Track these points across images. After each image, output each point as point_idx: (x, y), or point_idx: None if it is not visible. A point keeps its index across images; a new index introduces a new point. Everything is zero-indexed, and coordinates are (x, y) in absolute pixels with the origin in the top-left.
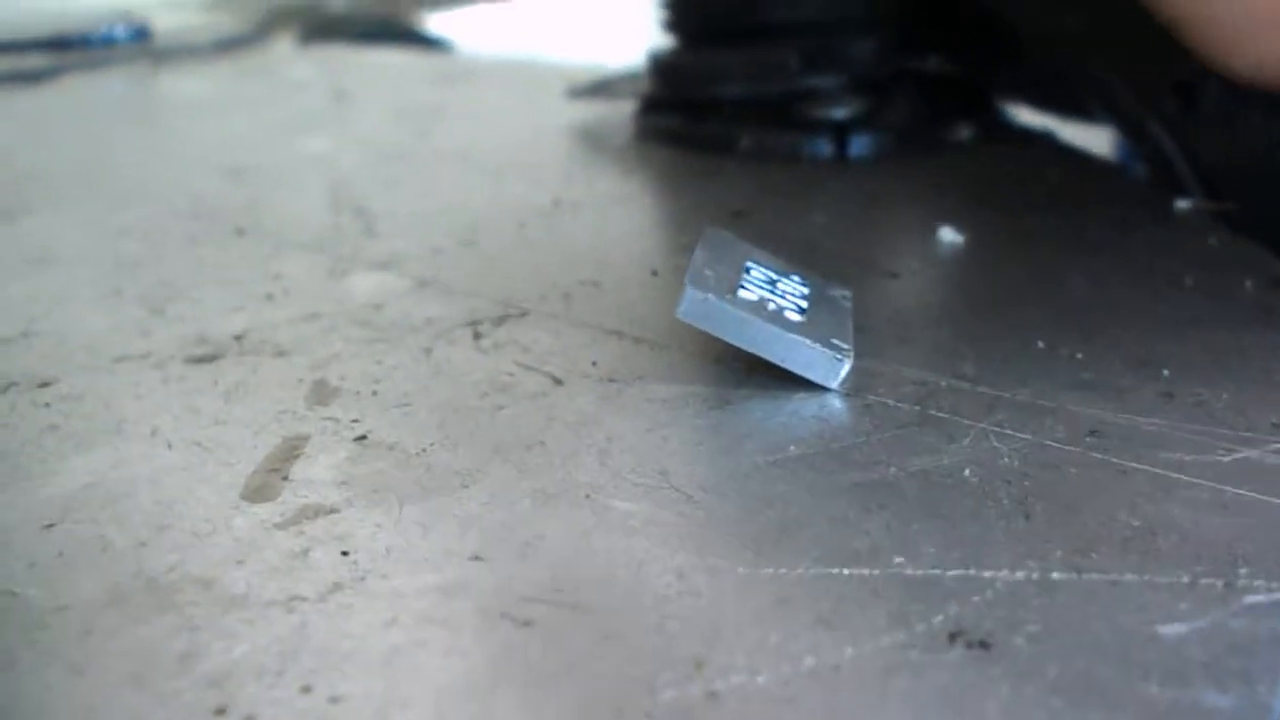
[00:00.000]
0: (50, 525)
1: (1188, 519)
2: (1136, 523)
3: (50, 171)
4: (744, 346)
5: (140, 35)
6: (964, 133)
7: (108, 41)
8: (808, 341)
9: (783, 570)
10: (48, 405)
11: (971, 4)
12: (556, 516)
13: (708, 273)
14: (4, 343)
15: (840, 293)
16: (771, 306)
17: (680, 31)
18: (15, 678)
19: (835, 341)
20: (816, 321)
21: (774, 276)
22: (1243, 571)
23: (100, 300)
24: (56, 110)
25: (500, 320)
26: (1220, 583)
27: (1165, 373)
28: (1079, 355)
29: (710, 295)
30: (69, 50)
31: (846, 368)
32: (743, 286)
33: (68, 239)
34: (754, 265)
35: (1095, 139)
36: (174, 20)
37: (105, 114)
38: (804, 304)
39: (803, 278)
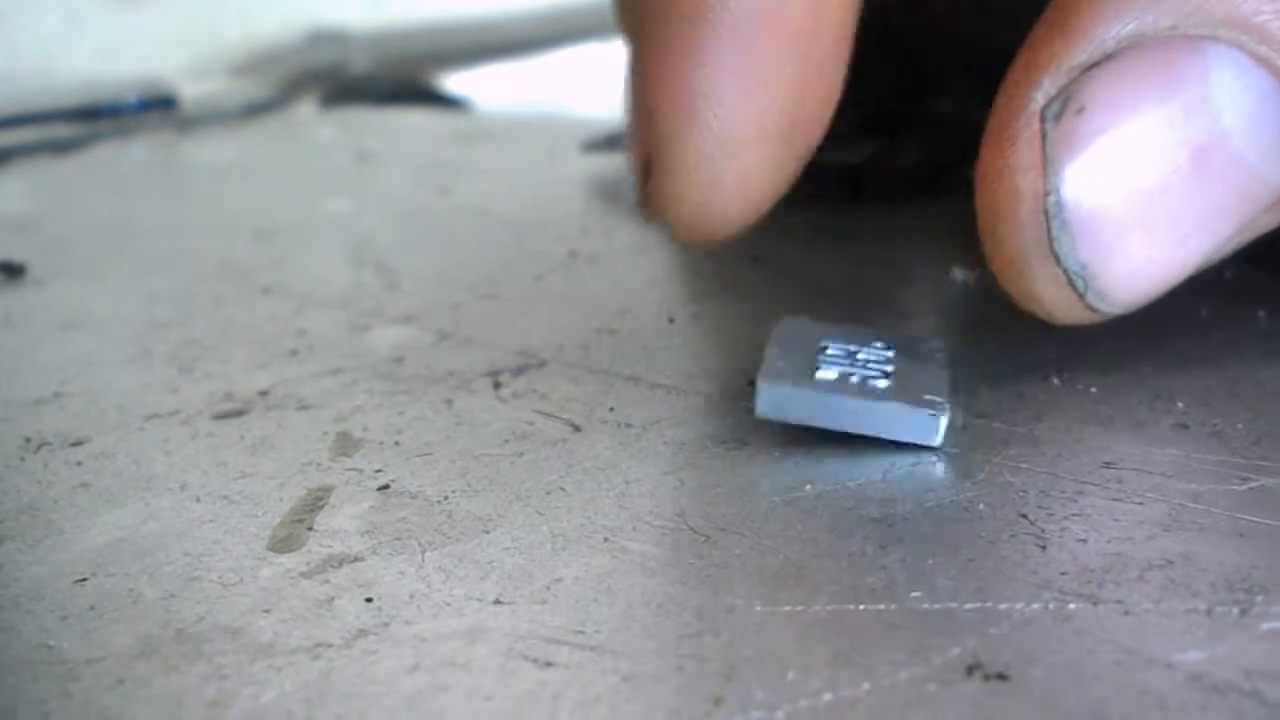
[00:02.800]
0: (82, 580)
1: (1204, 548)
2: (1152, 553)
3: (79, 238)
4: (834, 428)
5: (166, 103)
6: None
7: (134, 110)
8: (897, 405)
9: (800, 607)
10: (79, 463)
11: (986, 44)
12: (576, 559)
13: (780, 364)
14: (37, 404)
15: (933, 345)
16: (854, 379)
17: None
18: None
19: (928, 397)
20: (905, 382)
21: (852, 348)
22: (1259, 598)
23: (130, 361)
24: (84, 178)
25: (519, 370)
26: (1236, 610)
27: (1180, 405)
28: (1094, 389)
29: (786, 385)
30: (96, 119)
31: (945, 421)
32: (819, 367)
33: (97, 303)
34: (830, 342)
35: None
36: (199, 88)
37: (132, 181)
38: (889, 368)
39: (885, 340)
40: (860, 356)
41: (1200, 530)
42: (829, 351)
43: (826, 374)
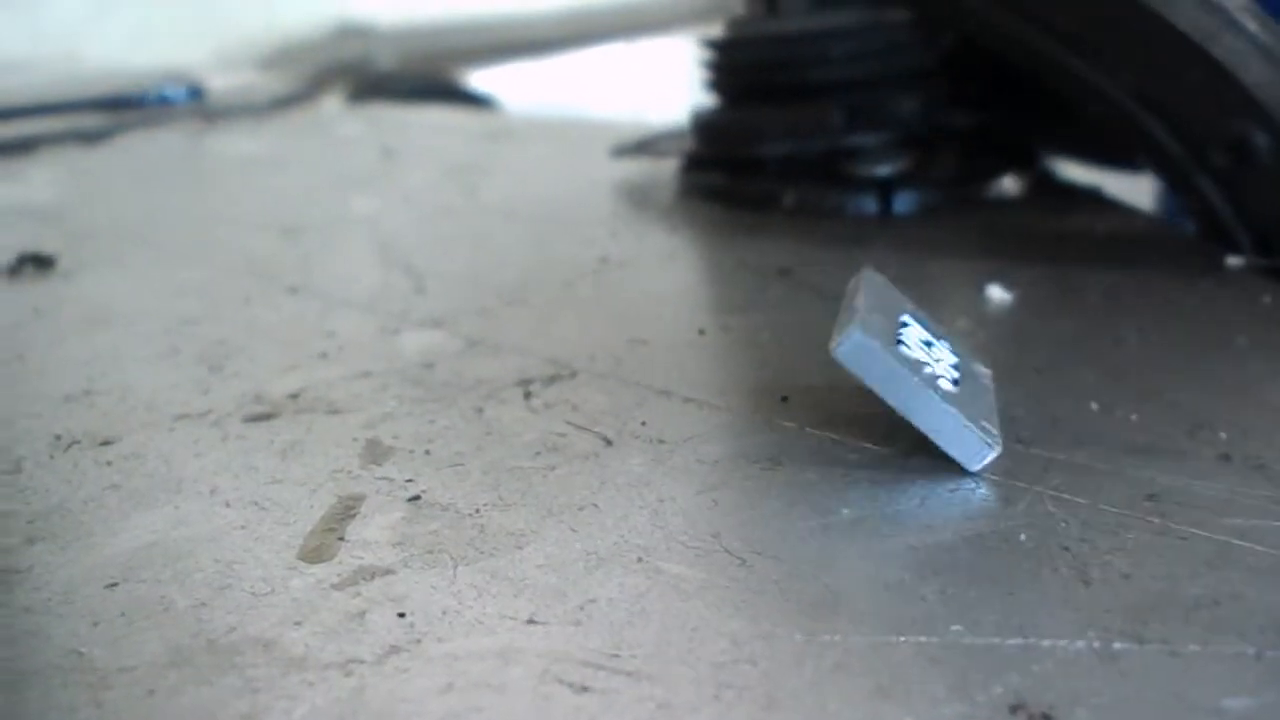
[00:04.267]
0: (113, 584)
1: (1251, 588)
2: (1198, 591)
3: (108, 230)
4: (891, 403)
5: (194, 95)
6: (1008, 188)
7: (163, 101)
8: (962, 417)
9: (838, 638)
10: (109, 464)
11: (1019, 57)
12: (610, 579)
13: (875, 318)
14: (67, 400)
15: (982, 370)
16: (928, 370)
17: (723, 90)
18: None
19: (986, 425)
20: (968, 398)
21: (930, 339)
22: None
23: (159, 359)
24: (113, 169)
25: (551, 380)
26: None
27: (1223, 435)
28: (1134, 417)
29: (877, 342)
30: (125, 110)
31: (993, 455)
32: (901, 341)
33: (126, 297)
34: (910, 321)
35: (1142, 192)
36: (227, 81)
37: (161, 173)
38: (956, 374)
39: (952, 346)
40: (934, 351)
41: (1246, 569)
42: (909, 330)
43: (907, 351)
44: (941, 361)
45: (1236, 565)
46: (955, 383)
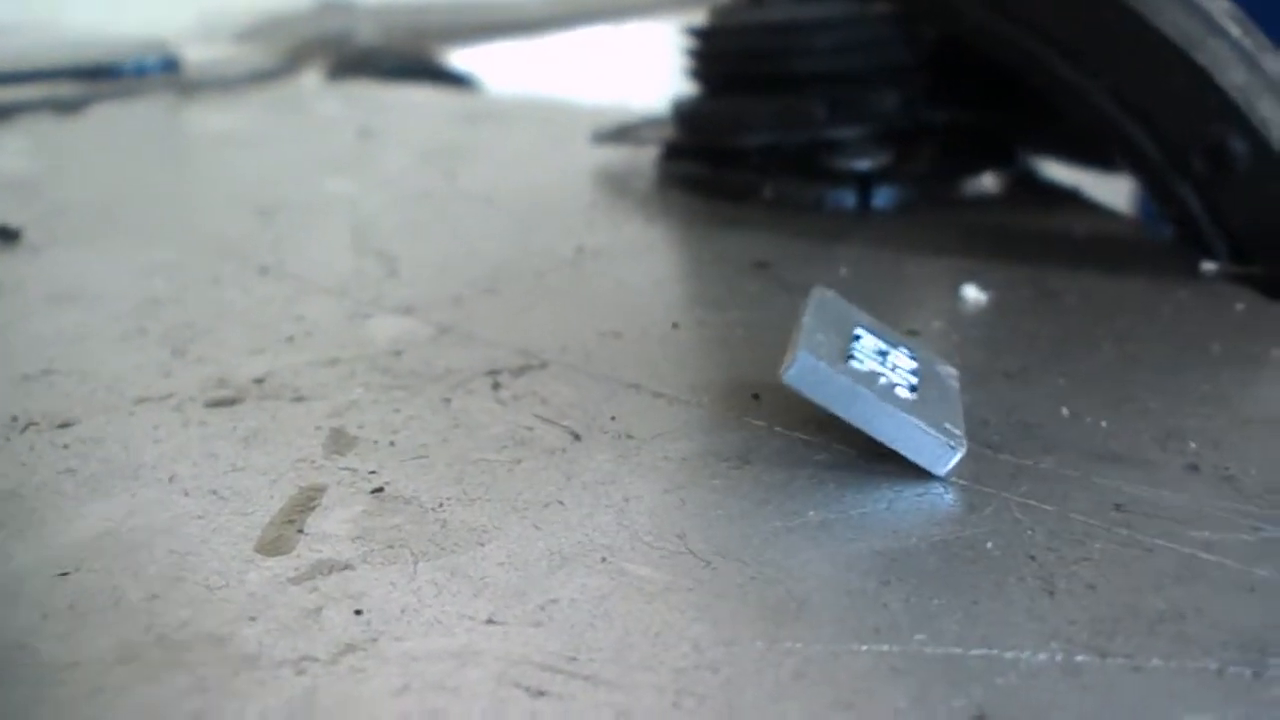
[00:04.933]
0: (64, 574)
1: (1215, 602)
2: (1162, 605)
3: (78, 204)
4: (848, 419)
5: (170, 66)
6: (988, 186)
7: (138, 72)
8: (921, 424)
9: (800, 645)
10: (66, 447)
11: (1000, 55)
12: (573, 580)
13: (820, 337)
14: (26, 380)
15: (948, 370)
16: (883, 381)
17: (705, 79)
18: None
19: (948, 427)
20: (928, 402)
21: (884, 347)
22: (1273, 661)
23: (123, 339)
24: (86, 141)
25: (520, 371)
26: (1249, 671)
27: (1192, 445)
28: (1104, 424)
29: (823, 363)
30: (100, 80)
31: (958, 457)
32: (853, 356)
33: (93, 274)
34: (863, 333)
35: (1120, 193)
36: (204, 52)
37: (134, 146)
38: (914, 380)
39: (911, 350)
40: (890, 360)
41: (1211, 583)
42: (861, 342)
43: (859, 365)
44: (898, 369)
45: (1201, 578)
46: (913, 389)
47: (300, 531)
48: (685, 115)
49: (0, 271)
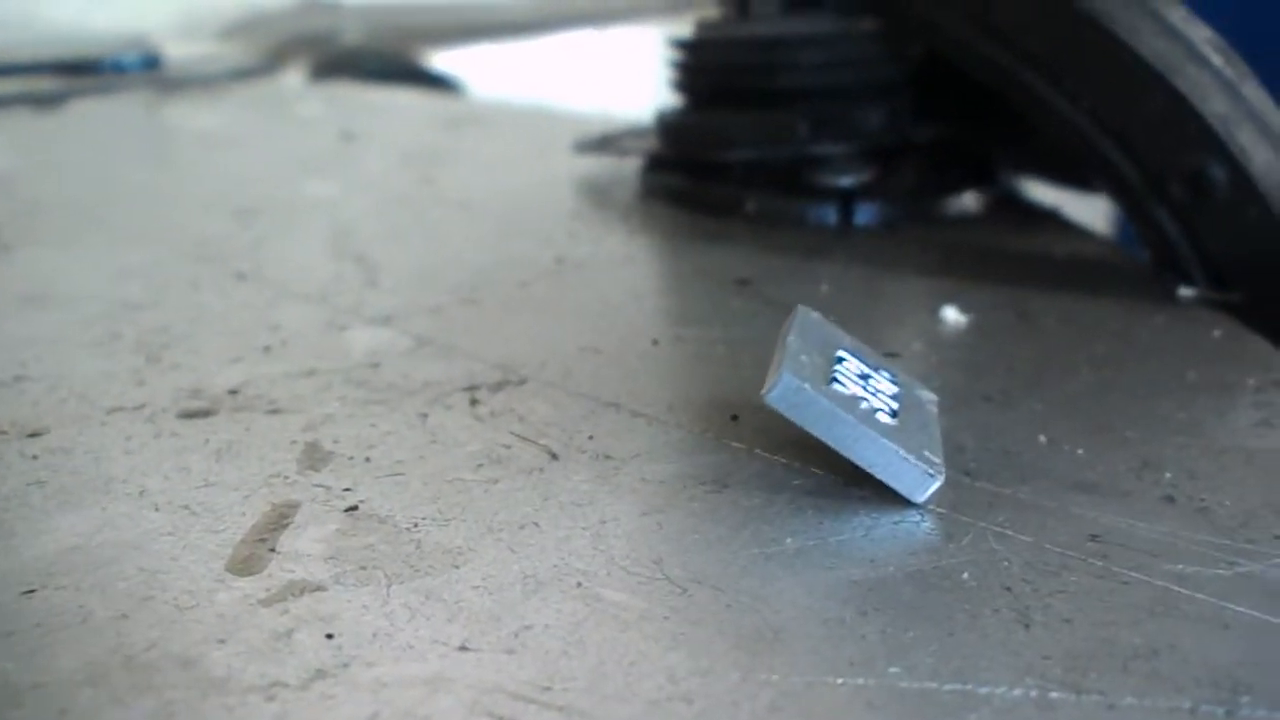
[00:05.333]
0: (31, 591)
1: (1189, 638)
2: (1137, 640)
3: (54, 203)
4: (829, 442)
5: (151, 63)
6: (969, 205)
7: (118, 68)
8: (901, 451)
9: (775, 677)
10: (35, 458)
11: (983, 74)
12: (548, 605)
13: (803, 358)
14: None
15: (927, 396)
16: (864, 405)
17: (689, 92)
18: None
19: (928, 454)
20: (908, 428)
21: (866, 371)
22: (1245, 699)
23: (97, 345)
24: (64, 137)
25: (498, 386)
26: (1222, 710)
27: (1168, 475)
28: (1081, 452)
29: (806, 385)
30: (80, 75)
31: (936, 485)
32: (835, 379)
33: (67, 277)
34: (846, 355)
35: (1101, 214)
36: (186, 49)
37: (113, 143)
38: (895, 405)
39: (892, 375)
40: (872, 384)
41: (1185, 618)
42: (845, 364)
43: (842, 388)
44: (880, 394)
45: (1175, 613)
46: (894, 414)
47: (272, 550)
48: (669, 127)
49: None
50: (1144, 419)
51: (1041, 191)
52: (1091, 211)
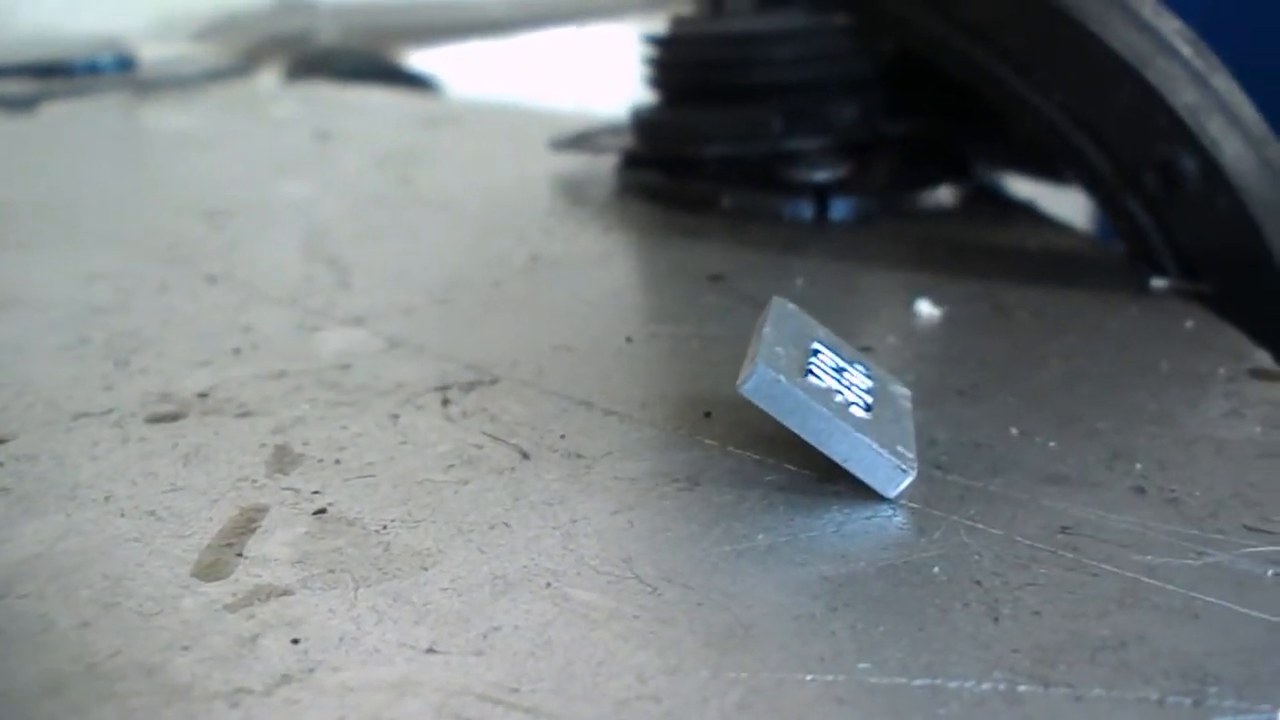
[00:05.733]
0: None
1: (1158, 629)
2: (1105, 632)
3: (23, 206)
4: (803, 435)
5: (124, 65)
6: (944, 198)
7: (92, 70)
8: (874, 445)
9: (744, 674)
10: (1, 465)
11: (955, 69)
12: (517, 606)
13: (778, 350)
14: None
15: (900, 391)
16: (839, 399)
17: (664, 88)
18: None
19: (900, 450)
20: (882, 422)
21: (841, 364)
22: (1212, 690)
23: (65, 350)
24: (35, 140)
25: (470, 386)
26: (1189, 701)
27: (1138, 466)
28: (1052, 444)
29: (782, 377)
30: (52, 77)
31: (909, 480)
32: (810, 371)
33: (36, 280)
34: (821, 348)
35: (1075, 206)
36: (160, 50)
37: (85, 146)
38: (869, 399)
39: (866, 368)
40: (847, 377)
41: (1154, 609)
42: (820, 357)
43: (816, 381)
44: (854, 387)
45: (1144, 604)
46: (868, 408)
47: (239, 555)
48: (643, 124)
49: None
50: (1115, 410)
51: (1019, 185)
52: (1070, 205)
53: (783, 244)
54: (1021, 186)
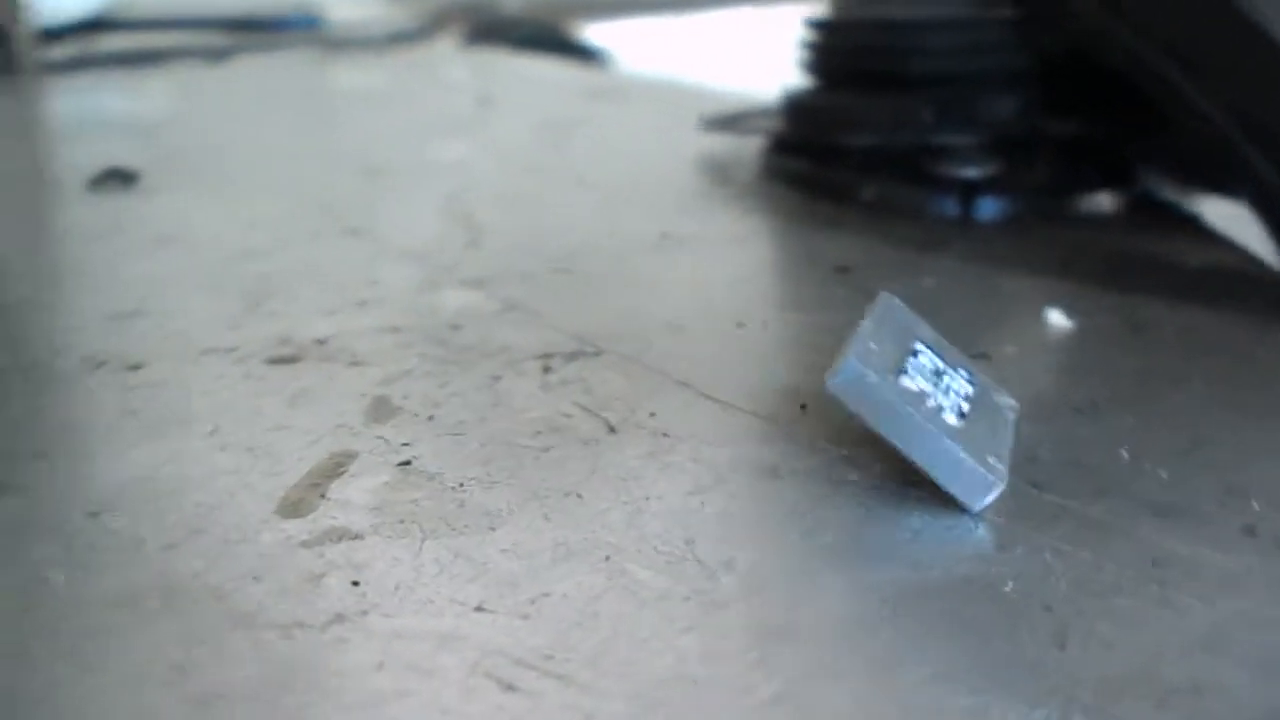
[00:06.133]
0: (95, 514)
1: (1239, 679)
2: (1181, 674)
3: (198, 152)
4: (888, 437)
5: (312, 23)
6: (1103, 204)
7: (282, 27)
8: (962, 453)
9: (785, 670)
10: (131, 389)
11: (1114, 64)
12: (571, 575)
13: (873, 346)
14: (109, 320)
15: (1007, 401)
16: (931, 403)
17: (818, 73)
18: (26, 665)
19: (991, 460)
20: (975, 431)
21: (941, 367)
22: None
23: (206, 288)
24: (220, 91)
25: (573, 356)
26: None
27: (1255, 505)
28: (1164, 472)
29: (870, 374)
30: (247, 32)
31: (996, 493)
32: (905, 372)
33: (196, 221)
34: (923, 349)
35: (1249, 224)
36: (349, 11)
37: (261, 100)
38: (966, 406)
39: (970, 374)
40: (945, 381)
41: (1240, 658)
42: (919, 358)
43: (910, 383)
44: (951, 392)
45: (1230, 652)
46: (962, 415)
47: (322, 496)
48: (793, 108)
49: (110, 212)
50: (1242, 444)
51: (1188, 197)
52: (1242, 221)
53: (920, 241)
54: (1191, 199)
